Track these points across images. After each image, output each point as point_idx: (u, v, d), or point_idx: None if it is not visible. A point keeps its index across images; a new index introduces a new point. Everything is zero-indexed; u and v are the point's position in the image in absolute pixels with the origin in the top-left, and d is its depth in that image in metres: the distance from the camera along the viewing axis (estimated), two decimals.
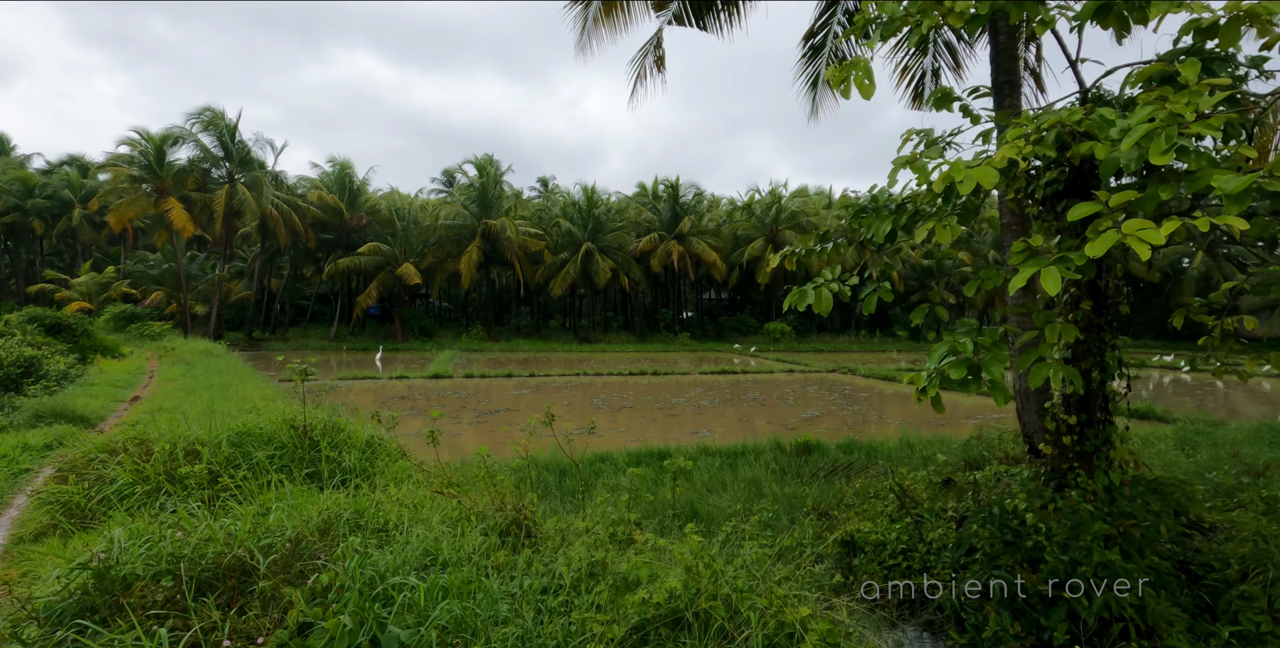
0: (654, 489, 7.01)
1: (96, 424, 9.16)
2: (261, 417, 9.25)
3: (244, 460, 4.97)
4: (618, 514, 4.72)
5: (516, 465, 6.45)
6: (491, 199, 38.57)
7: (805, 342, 41.67)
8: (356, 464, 5.24)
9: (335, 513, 4.09)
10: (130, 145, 31.03)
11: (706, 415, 13.81)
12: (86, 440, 5.59)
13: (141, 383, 14.77)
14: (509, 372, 21.59)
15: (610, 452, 8.71)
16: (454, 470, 6.55)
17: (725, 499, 6.83)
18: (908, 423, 13.18)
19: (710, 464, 8.08)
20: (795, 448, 8.98)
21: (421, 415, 13.34)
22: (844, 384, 20.17)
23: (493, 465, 5.38)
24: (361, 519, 4.19)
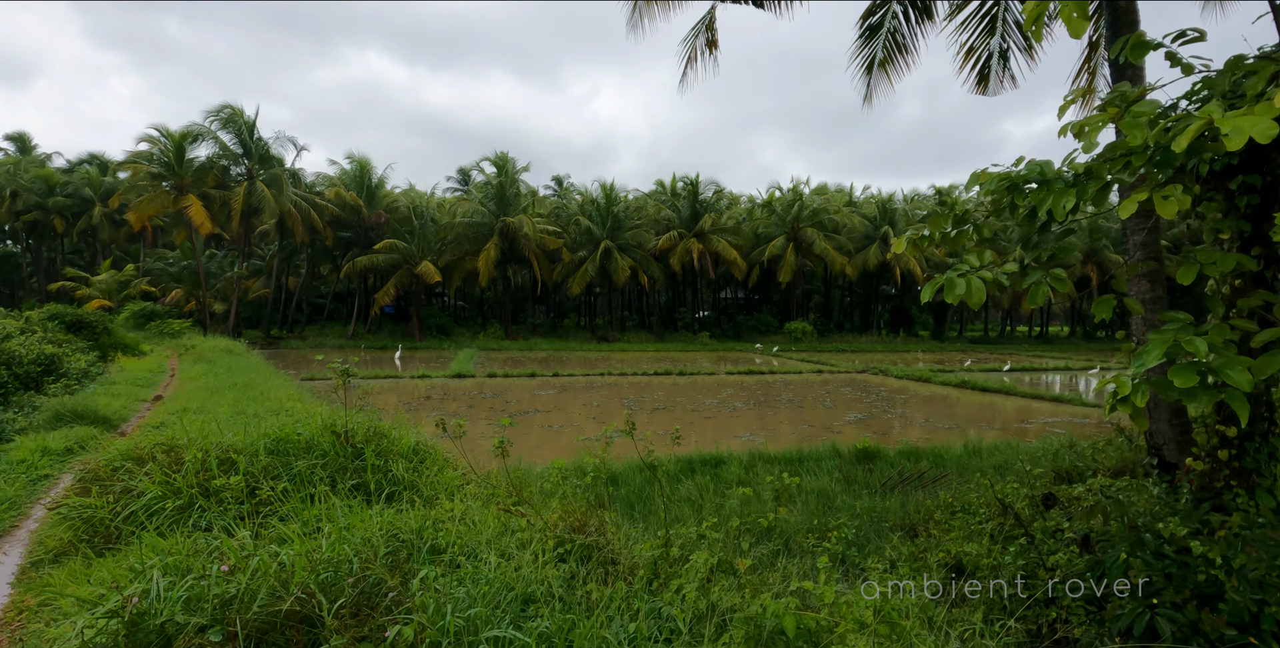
0: (717, 501, 6.48)
1: (119, 426, 8.76)
2: (287, 417, 8.81)
3: (283, 471, 4.49)
4: (698, 532, 4.20)
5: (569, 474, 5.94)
6: (509, 197, 38.18)
7: (827, 341, 40.94)
8: (404, 475, 4.75)
9: (396, 533, 3.59)
10: (150, 143, 30.91)
11: (744, 418, 13.25)
12: (110, 447, 5.14)
13: (163, 382, 14.44)
14: (532, 371, 21.13)
15: (657, 458, 8.18)
16: (508, 479, 6.06)
17: (795, 512, 6.29)
18: (954, 427, 12.55)
19: (767, 472, 7.53)
20: (855, 455, 8.42)
21: (450, 417, 12.86)
22: (877, 385, 19.53)
23: (562, 475, 4.87)
24: (422, 541, 3.70)
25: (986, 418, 13.67)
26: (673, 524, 5.80)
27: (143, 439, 5.25)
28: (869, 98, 9.79)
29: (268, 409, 9.34)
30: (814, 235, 39.42)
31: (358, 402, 8.31)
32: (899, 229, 41.85)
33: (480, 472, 6.24)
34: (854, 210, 43.94)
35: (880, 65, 9.53)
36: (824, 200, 42.61)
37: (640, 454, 4.84)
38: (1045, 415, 13.94)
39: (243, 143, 32.57)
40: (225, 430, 5.91)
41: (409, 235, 37.80)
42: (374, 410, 5.63)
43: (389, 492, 4.59)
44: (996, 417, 13.90)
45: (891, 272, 42.14)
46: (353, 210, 37.25)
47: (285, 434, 4.97)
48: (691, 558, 3.55)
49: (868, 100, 9.83)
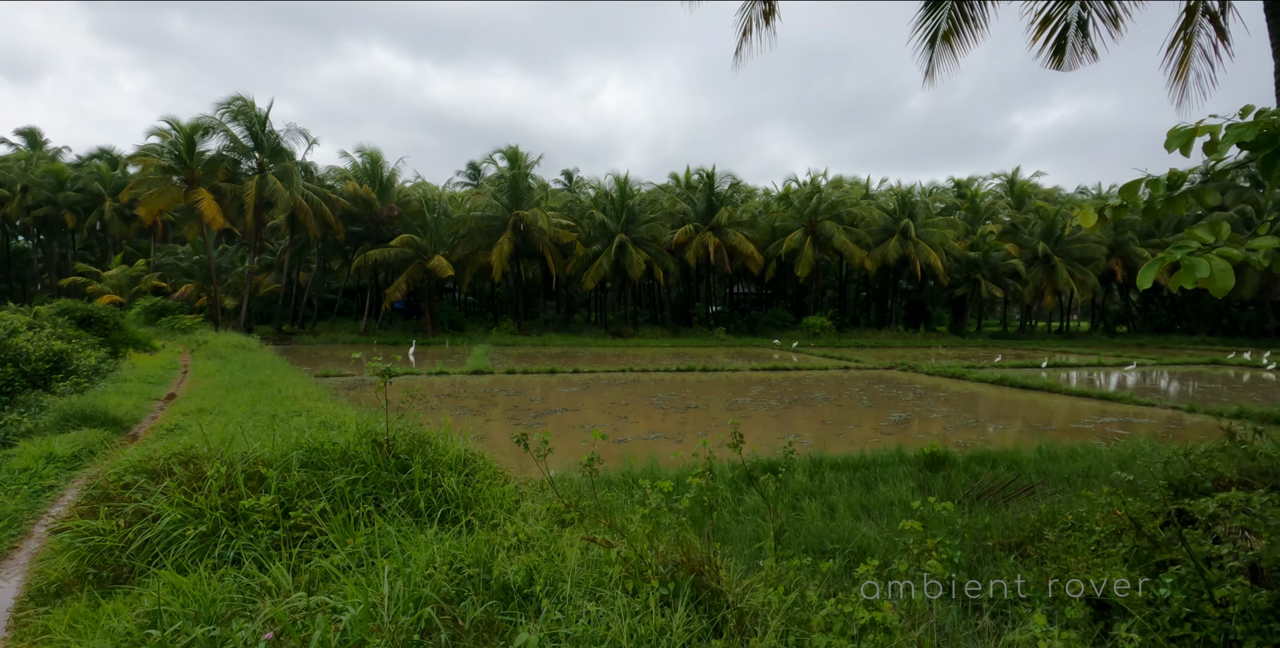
0: (790, 515, 5.84)
1: (130, 428, 8.21)
2: (309, 417, 8.24)
3: (320, 487, 3.89)
4: (800, 563, 3.59)
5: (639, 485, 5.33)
6: (522, 190, 37.57)
7: (845, 337, 40.17)
8: (456, 490, 4.14)
9: (460, 566, 2.99)
10: (160, 135, 30.45)
11: (783, 417, 12.61)
12: (120, 456, 4.56)
13: (175, 379, 13.92)
14: (551, 368, 20.54)
15: (711, 463, 7.54)
16: (567, 491, 5.44)
17: (874, 527, 5.65)
18: (1006, 427, 11.87)
19: (836, 481, 6.90)
20: (923, 460, 7.76)
21: (477, 416, 12.29)
22: (911, 383, 18.83)
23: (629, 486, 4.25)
24: (490, 575, 3.09)
25: (1039, 418, 12.96)
26: (748, 542, 5.18)
27: (157, 448, 4.67)
28: (930, 73, 9.10)
29: (287, 409, 8.77)
30: (833, 229, 38.61)
31: (401, 403, 7.74)
32: (919, 222, 40.98)
33: (524, 478, 5.64)
34: (873, 203, 43.05)
35: (944, 37, 8.83)
36: (842, 193, 41.76)
37: (690, 457, 4.19)
38: (1099, 415, 13.23)
39: (254, 136, 32.06)
40: (250, 437, 5.32)
41: (421, 230, 37.26)
42: (414, 414, 5.02)
43: (441, 511, 3.98)
44: (1048, 416, 13.19)
45: (910, 266, 41.27)
46: (365, 204, 36.73)
47: (319, 444, 4.36)
48: (824, 604, 2.91)
49: (929, 76, 9.13)
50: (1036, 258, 41.99)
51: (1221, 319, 47.64)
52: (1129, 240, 42.22)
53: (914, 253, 39.77)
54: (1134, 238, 42.33)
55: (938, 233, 40.51)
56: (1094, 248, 41.82)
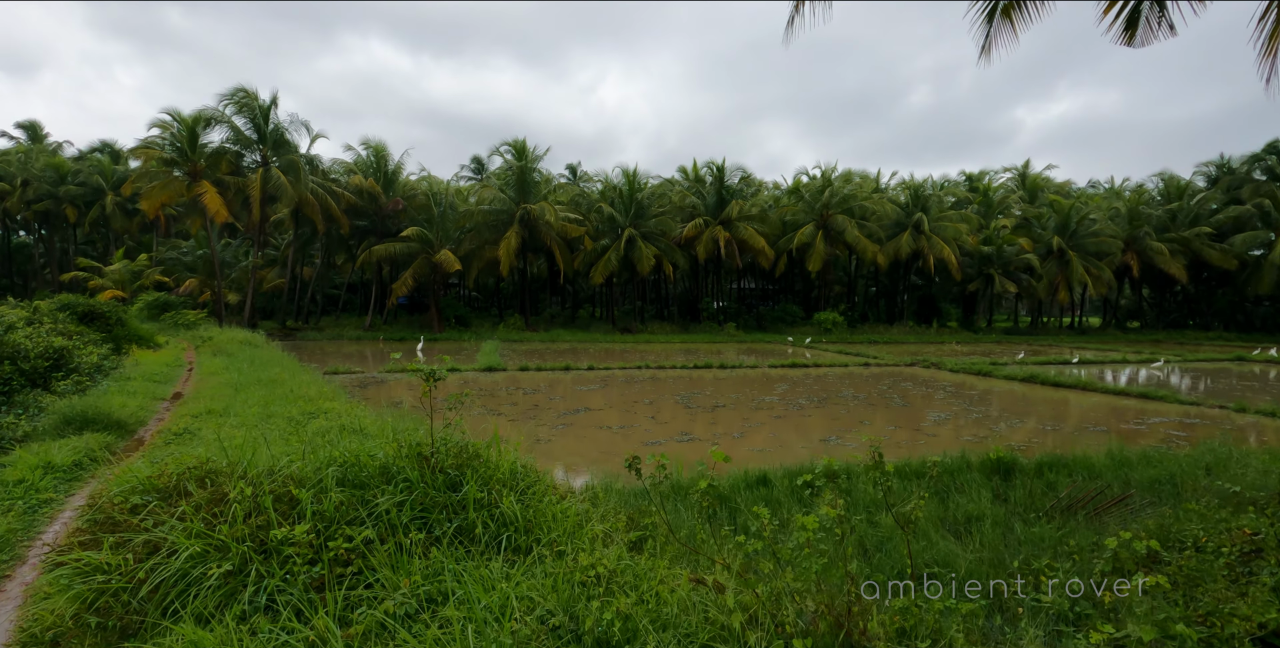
0: (868, 531, 5.28)
1: (135, 431, 7.66)
2: (328, 420, 7.69)
3: (361, 510, 3.33)
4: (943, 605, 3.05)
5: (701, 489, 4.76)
6: (529, 183, 36.95)
7: (857, 333, 39.59)
8: (516, 513, 3.58)
9: (543, 615, 2.43)
10: (162, 127, 29.82)
11: (817, 417, 12.05)
12: (127, 472, 4.00)
13: (181, 377, 13.38)
14: (565, 364, 19.98)
15: (761, 470, 6.99)
16: (614, 502, 4.87)
17: (966, 545, 5.10)
18: (1054, 429, 11.31)
19: (905, 491, 6.34)
20: (990, 466, 7.21)
21: (496, 416, 11.74)
22: (937, 380, 18.26)
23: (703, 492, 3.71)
24: (580, 626, 2.53)
25: (1084, 418, 12.39)
26: (828, 565, 4.63)
27: (168, 461, 4.11)
28: (987, 49, 8.47)
29: (302, 411, 8.23)
30: (845, 223, 37.97)
31: (445, 407, 7.22)
32: (932, 216, 40.32)
33: (566, 486, 5.09)
34: (884, 197, 42.38)
35: (1004, 12, 8.21)
36: (854, 187, 41.09)
37: (738, 461, 3.63)
38: (1147, 414, 12.65)
39: (257, 128, 31.44)
40: (272, 447, 4.77)
41: (427, 224, 36.66)
42: (457, 421, 4.46)
43: (501, 537, 3.42)
44: (1093, 416, 12.62)
45: (922, 260, 40.61)
46: (370, 198, 36.13)
47: (355, 457, 3.80)
48: None
49: (985, 52, 8.50)
50: (1051, 252, 41.33)
51: (1237, 315, 46.93)
52: (1145, 234, 41.52)
53: (927, 247, 39.12)
54: (1150, 232, 41.62)
55: (951, 227, 39.85)
56: (1109, 242, 41.15)
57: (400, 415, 7.90)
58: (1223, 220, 42.74)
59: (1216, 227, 42.61)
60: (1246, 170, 46.10)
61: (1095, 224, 41.79)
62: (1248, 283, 42.31)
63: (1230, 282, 45.50)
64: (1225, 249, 41.61)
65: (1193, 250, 42.16)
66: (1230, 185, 45.28)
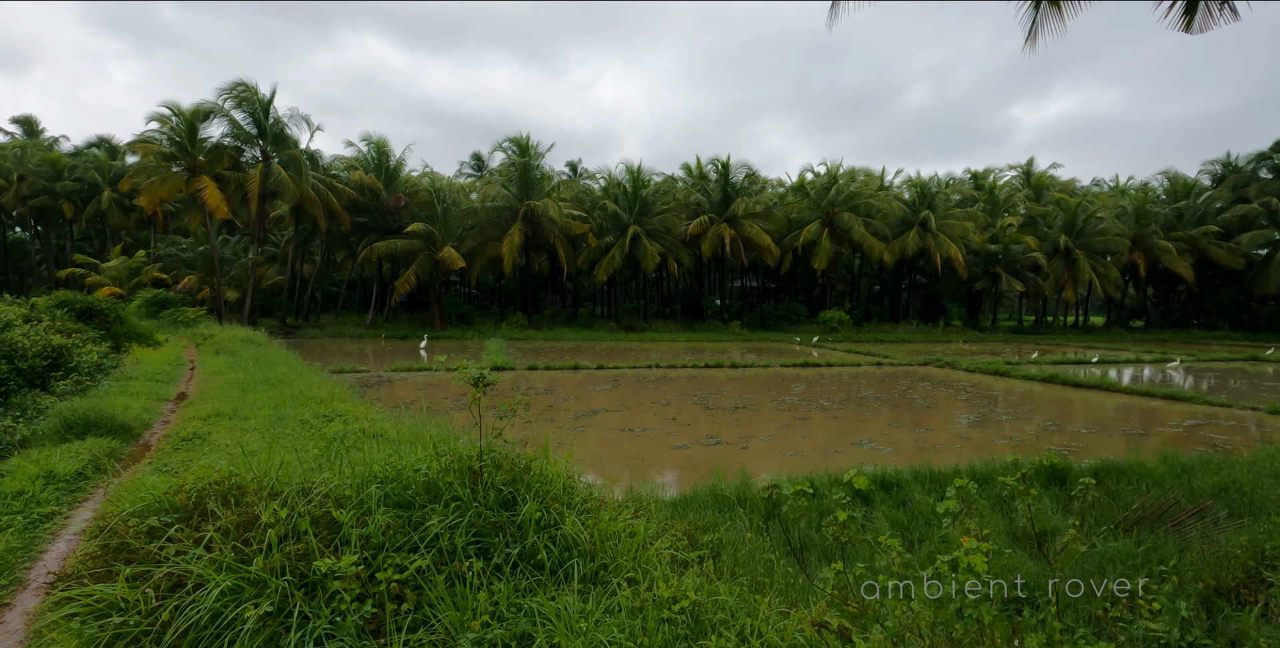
0: (941, 548, 4.90)
1: (140, 435, 7.25)
2: (345, 424, 7.29)
3: (413, 534, 2.94)
4: None
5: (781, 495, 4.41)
6: (533, 180, 36.52)
7: (863, 332, 39.24)
8: (579, 534, 3.19)
9: None
10: (160, 121, 29.29)
11: (844, 420, 11.67)
12: (141, 486, 3.60)
13: (184, 376, 12.95)
14: (575, 363, 19.58)
15: (805, 477, 6.61)
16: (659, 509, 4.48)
17: (1036, 562, 4.72)
18: (1091, 431, 10.95)
19: (960, 497, 5.97)
20: (1043, 474, 6.84)
21: (514, 418, 11.32)
22: (955, 381, 17.91)
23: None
24: None
25: (1118, 420, 12.03)
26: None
27: (184, 474, 3.71)
28: (1033, 36, 8.10)
29: (315, 414, 7.83)
30: (851, 221, 37.60)
31: (496, 415, 6.87)
32: (939, 214, 39.99)
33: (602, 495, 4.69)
34: (890, 194, 42.02)
35: None
36: (859, 184, 40.72)
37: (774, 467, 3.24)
38: (1180, 417, 12.31)
39: (257, 123, 30.91)
40: (291, 452, 4.38)
41: (429, 220, 36.20)
42: (499, 430, 4.08)
43: (568, 564, 3.03)
44: (1126, 419, 12.27)
45: (929, 259, 40.28)
46: (371, 194, 35.64)
47: (396, 472, 3.40)
48: None
49: (1031, 40, 8.13)
50: (1058, 251, 41.02)
51: (1242, 314, 46.68)
52: (1152, 233, 41.24)
53: (933, 246, 38.77)
54: (1157, 230, 41.34)
55: (958, 225, 39.51)
56: (1116, 241, 40.82)
57: (420, 420, 7.51)
58: (1229, 219, 42.49)
59: (1223, 225, 42.35)
60: (1253, 169, 45.84)
61: (1102, 222, 41.48)
62: (1254, 282, 42.07)
63: (1235, 281, 45.26)
64: (1232, 248, 41.36)
65: (1199, 249, 41.91)
66: (1236, 184, 45.01)
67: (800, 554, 4.76)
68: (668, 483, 7.31)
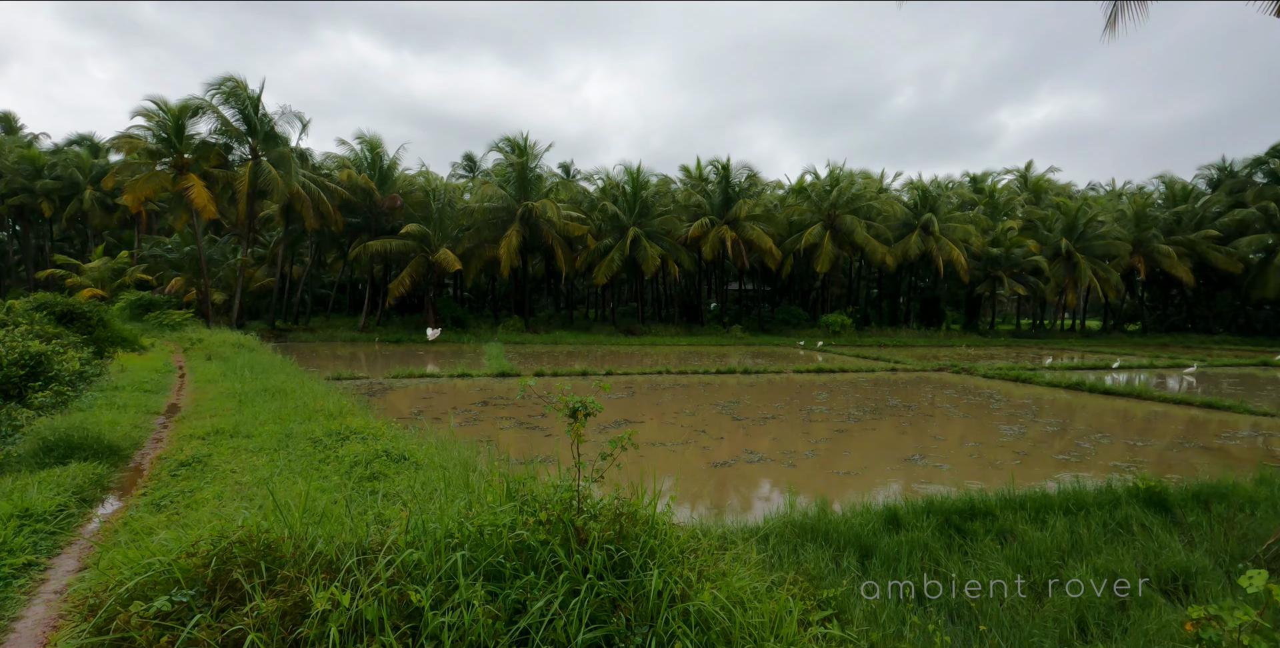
0: (1064, 598, 4.21)
1: (130, 457, 6.44)
2: (365, 444, 6.52)
3: (502, 611, 2.21)
4: None
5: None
6: (530, 180, 35.76)
7: (865, 335, 38.77)
8: (718, 611, 2.47)
9: None
10: (146, 117, 28.23)
11: (883, 432, 11.02)
12: (142, 543, 2.84)
13: (173, 385, 12.08)
14: (583, 369, 18.84)
15: (886, 506, 5.92)
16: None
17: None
18: (1146, 444, 10.37)
19: (1068, 531, 5.30)
20: (1141, 498, 6.21)
21: (532, 431, 10.59)
22: (979, 388, 17.34)
23: None
24: None
25: (1171, 432, 11.47)
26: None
27: (184, 510, 2.96)
28: (1112, 23, 7.53)
29: (326, 430, 7.04)
30: (854, 223, 37.15)
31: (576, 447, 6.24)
32: (941, 217, 39.65)
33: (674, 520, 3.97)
34: (892, 197, 41.66)
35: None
36: (860, 187, 40.32)
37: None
38: (1229, 427, 11.78)
39: (246, 119, 29.94)
40: (323, 485, 3.63)
41: (425, 221, 35.33)
42: (597, 471, 3.35)
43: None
44: (1177, 430, 11.70)
45: (931, 262, 39.92)
46: (364, 194, 34.70)
47: (478, 530, 2.67)
48: None
49: (1110, 26, 7.55)
50: (1058, 254, 40.83)
51: (1238, 318, 46.77)
52: (1153, 237, 41.14)
53: (936, 249, 38.41)
54: (1158, 234, 41.25)
55: (960, 228, 39.21)
56: (1116, 245, 40.69)
57: (445, 440, 6.76)
58: (1227, 223, 42.50)
59: (1221, 229, 42.36)
60: (1248, 173, 45.96)
61: (1103, 226, 41.34)
62: (1252, 286, 42.07)
63: (1231, 285, 45.33)
64: (1230, 252, 41.34)
65: (1198, 253, 41.88)
66: (1233, 188, 45.09)
67: (921, 599, 4.06)
68: (725, 508, 6.61)
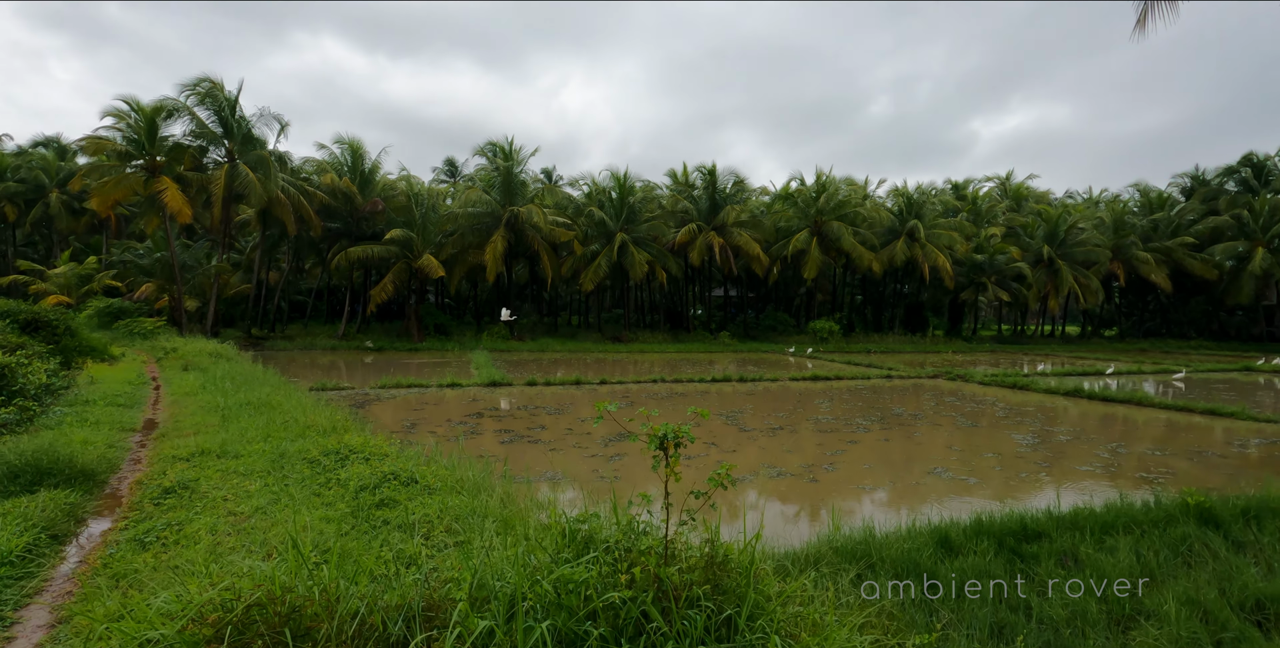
0: (1160, 633, 3.86)
1: (106, 481, 5.84)
2: (369, 465, 6.01)
3: None
4: None
5: None
6: (516, 185, 35.24)
7: (853, 342, 38.73)
8: None
9: None
10: (117, 117, 27.21)
11: (895, 443, 10.71)
12: (135, 602, 2.35)
13: (148, 398, 11.37)
14: (576, 378, 18.35)
15: (934, 526, 5.55)
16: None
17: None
18: (1169, 454, 10.19)
19: (1133, 554, 4.97)
20: (1191, 513, 5.92)
21: (534, 444, 10.08)
22: (979, 395, 17.18)
23: None
24: None
25: (1184, 441, 11.30)
26: None
27: (185, 570, 2.47)
28: (1142, 21, 7.33)
29: (322, 449, 6.50)
30: (841, 230, 37.17)
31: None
32: (927, 224, 39.87)
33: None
34: (878, 204, 41.85)
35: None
36: (847, 193, 40.43)
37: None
38: (1239, 435, 11.67)
39: (223, 121, 29.05)
40: (329, 514, 3.15)
41: (407, 226, 34.58)
42: (688, 512, 2.92)
43: None
44: (1190, 439, 11.55)
45: (917, 268, 40.10)
46: (345, 198, 33.88)
47: (553, 592, 2.22)
48: None
49: (1140, 24, 7.36)
50: (1040, 261, 41.28)
51: (1211, 324, 47.69)
52: (1131, 244, 41.80)
53: (921, 255, 38.59)
54: (1136, 241, 41.92)
55: (945, 235, 39.48)
56: (1096, 252, 41.26)
57: (456, 459, 6.27)
58: (1201, 230, 43.38)
59: (1196, 237, 43.21)
60: (1220, 182, 47.06)
61: (1083, 233, 41.92)
62: (1226, 292, 42.88)
63: (1205, 291, 46.22)
64: (1205, 259, 42.17)
65: (1174, 260, 42.64)
66: (1206, 197, 46.10)
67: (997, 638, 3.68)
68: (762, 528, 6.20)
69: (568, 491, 7.43)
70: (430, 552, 3.65)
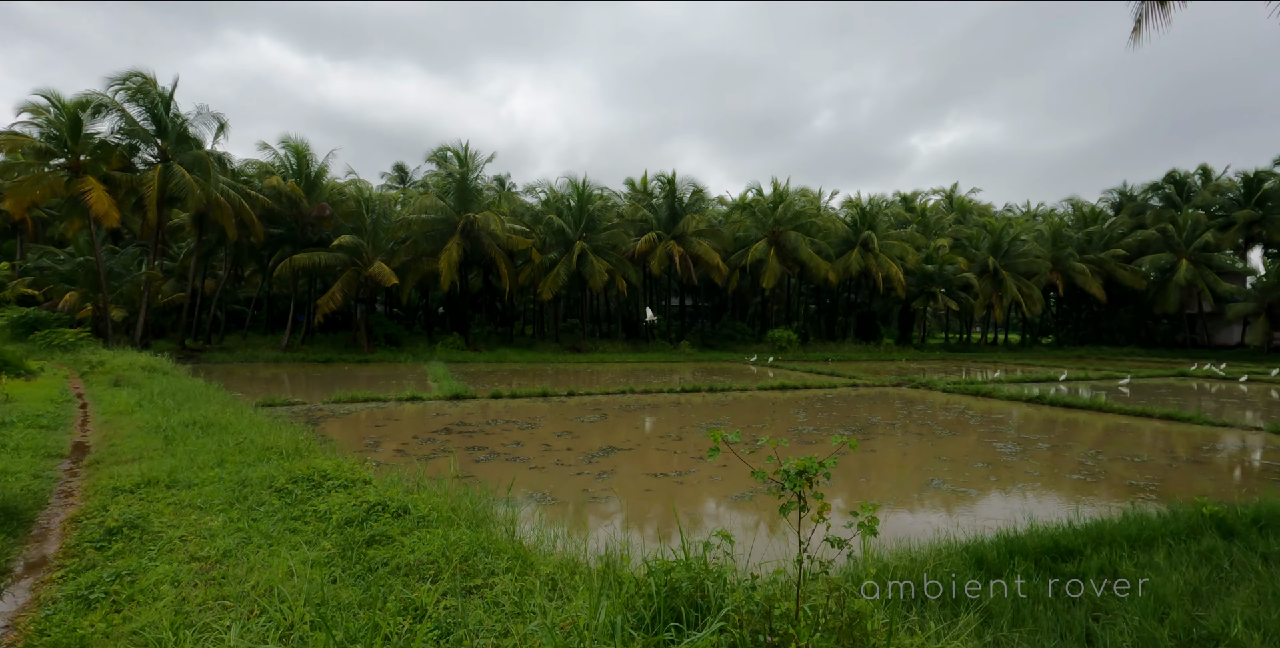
0: None
1: (33, 519, 5.01)
2: (348, 493, 5.34)
3: None
4: None
5: None
6: (471, 191, 34.34)
7: (810, 351, 39.15)
8: None
9: None
10: (35, 112, 25.17)
11: (884, 454, 10.53)
12: None
13: (75, 418, 10.23)
14: (543, 390, 17.70)
15: (966, 543, 5.27)
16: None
17: None
18: (1142, 462, 10.33)
19: (1164, 567, 4.79)
20: (1207, 524, 5.84)
21: (510, 462, 9.46)
22: (949, 404, 17.36)
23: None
24: None
25: (1157, 447, 11.51)
26: None
27: (148, 639, 1.90)
28: (1138, 29, 7.38)
29: (289, 475, 5.80)
30: (798, 240, 37.62)
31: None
32: (879, 234, 40.78)
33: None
34: (833, 214, 42.62)
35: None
36: (804, 203, 41.02)
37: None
38: (1202, 440, 12.00)
39: (156, 119, 27.26)
40: (313, 556, 2.60)
41: (357, 232, 33.22)
42: (824, 568, 2.49)
43: None
44: (1161, 445, 11.80)
45: (871, 278, 40.95)
46: (290, 203, 32.30)
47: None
48: None
49: (1136, 32, 7.41)
50: (985, 271, 42.75)
51: (1139, 331, 50.29)
52: (1069, 255, 43.75)
53: (875, 265, 39.42)
54: (1073, 253, 43.91)
55: (897, 246, 40.46)
56: (1037, 262, 43.03)
57: (440, 488, 5.68)
58: (1131, 243, 45.78)
59: (1126, 249, 45.58)
60: (1145, 198, 49.87)
61: (1025, 245, 43.66)
62: (1154, 301, 45.29)
63: (1134, 300, 48.76)
64: (1135, 270, 44.48)
65: (1107, 271, 44.82)
66: (1134, 211, 48.77)
67: None
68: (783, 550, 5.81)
69: (559, 512, 6.89)
70: (453, 602, 3.10)
